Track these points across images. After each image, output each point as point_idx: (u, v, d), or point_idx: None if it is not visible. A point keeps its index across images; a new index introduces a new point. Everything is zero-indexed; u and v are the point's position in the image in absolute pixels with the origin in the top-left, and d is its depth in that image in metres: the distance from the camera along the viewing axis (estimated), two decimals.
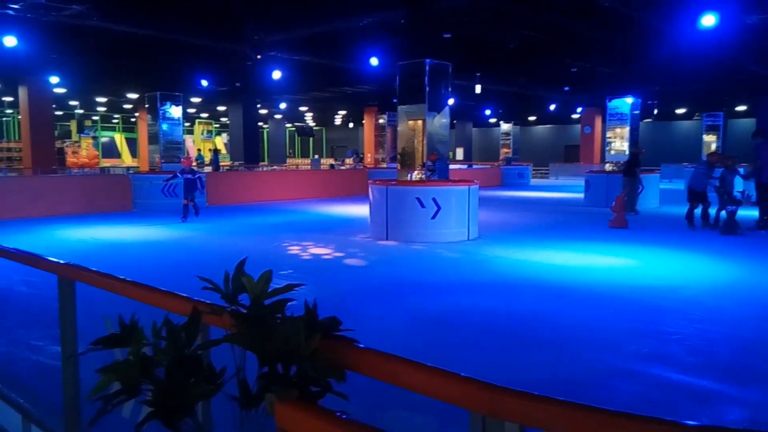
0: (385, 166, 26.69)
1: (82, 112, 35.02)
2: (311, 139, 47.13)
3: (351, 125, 49.79)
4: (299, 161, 40.91)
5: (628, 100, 18.55)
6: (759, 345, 5.14)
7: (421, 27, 14.30)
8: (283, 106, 33.13)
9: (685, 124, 39.81)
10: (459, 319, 5.86)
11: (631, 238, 11.06)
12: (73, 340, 2.82)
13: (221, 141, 40.39)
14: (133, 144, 36.85)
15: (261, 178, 21.90)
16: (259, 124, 35.19)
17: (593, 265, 8.46)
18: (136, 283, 2.42)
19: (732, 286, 7.33)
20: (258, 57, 17.65)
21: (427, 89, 11.29)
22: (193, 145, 35.34)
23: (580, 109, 34.96)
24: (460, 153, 39.12)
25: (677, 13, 14.29)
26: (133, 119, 37.05)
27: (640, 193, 16.22)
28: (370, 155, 32.60)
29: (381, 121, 29.94)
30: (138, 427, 1.61)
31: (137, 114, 32.46)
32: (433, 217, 10.63)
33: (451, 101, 12.29)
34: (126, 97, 29.75)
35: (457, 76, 14.02)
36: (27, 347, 4.89)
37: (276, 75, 19.45)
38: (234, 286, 1.69)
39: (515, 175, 29.69)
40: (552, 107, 33.28)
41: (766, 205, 11.85)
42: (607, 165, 19.04)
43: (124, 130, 39.25)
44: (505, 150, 31.91)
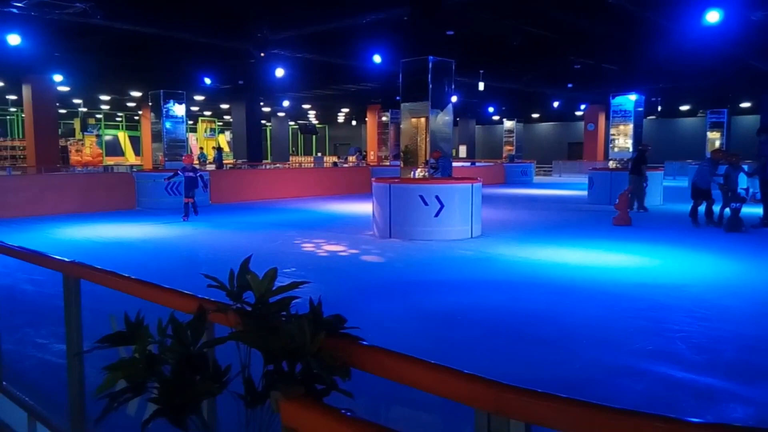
0: (388, 163, 26.65)
1: (85, 110, 35.06)
2: (314, 136, 47.14)
3: (354, 123, 49.77)
4: (302, 159, 40.91)
5: (632, 97, 18.47)
6: (764, 343, 5.12)
7: (425, 24, 14.25)
8: (286, 104, 33.14)
9: (689, 121, 39.67)
10: (463, 316, 5.86)
11: (635, 235, 11.03)
12: (79, 338, 2.83)
13: (225, 139, 40.45)
14: (136, 142, 36.98)
15: (264, 176, 21.91)
16: (263, 122, 35.20)
17: (597, 263, 8.45)
18: (142, 281, 2.42)
19: (736, 283, 7.31)
20: (261, 55, 17.65)
21: (430, 86, 11.27)
22: (197, 143, 35.41)
23: (583, 106, 34.88)
24: (463, 150, 39.05)
25: (681, 9, 14.24)
26: (136, 117, 37.12)
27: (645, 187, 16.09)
28: (373, 153, 32.58)
29: (384, 118, 29.92)
30: (144, 425, 1.61)
31: (141, 112, 32.53)
32: (437, 214, 10.62)
33: (454, 98, 12.27)
34: (129, 95, 29.79)
35: (460, 73, 13.99)
36: (32, 345, 4.91)
37: (279, 73, 19.45)
38: (239, 284, 1.70)
39: (518, 172, 29.63)
40: (555, 104, 33.24)
41: None
42: (611, 162, 18.98)
43: (128, 129, 39.37)
44: (509, 147, 31.81)
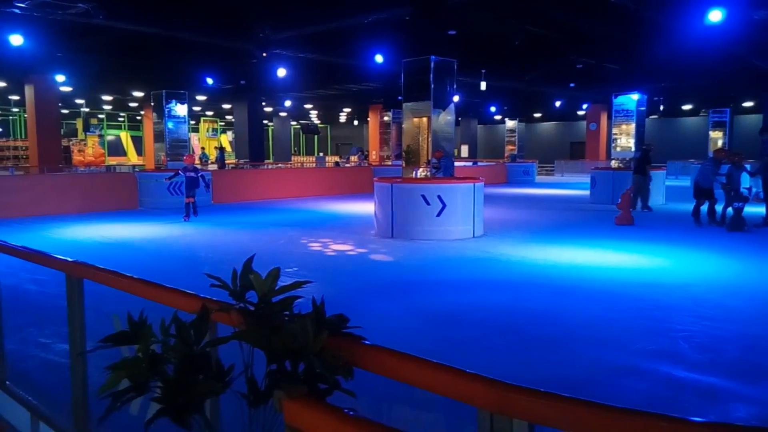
0: (390, 163, 26.66)
1: (88, 110, 35.16)
2: (316, 136, 47.18)
3: (356, 123, 49.78)
4: (304, 159, 40.95)
5: (634, 97, 18.44)
6: (767, 342, 5.11)
7: (426, 24, 14.26)
8: (288, 103, 33.16)
9: (692, 121, 39.61)
10: (465, 316, 5.86)
11: (638, 235, 11.02)
12: (82, 338, 2.83)
13: (227, 139, 40.49)
14: (138, 142, 37.04)
15: (266, 176, 21.92)
16: (264, 121, 35.22)
17: (599, 263, 8.44)
18: (144, 281, 2.42)
19: (739, 283, 7.30)
20: (263, 55, 17.67)
21: (432, 86, 11.27)
22: (198, 143, 35.44)
23: (585, 106, 34.86)
24: (465, 150, 39.06)
25: (684, 8, 14.22)
26: (138, 117, 37.18)
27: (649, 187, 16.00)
28: (375, 153, 32.58)
29: (386, 118, 29.90)
30: (148, 424, 1.62)
31: (143, 112, 32.58)
32: (439, 214, 10.62)
33: (456, 98, 12.26)
34: (132, 95, 29.84)
35: (462, 72, 13.99)
36: (35, 345, 4.92)
37: (281, 73, 19.46)
38: (242, 284, 1.70)
39: (520, 172, 29.61)
40: (557, 104, 33.22)
41: None
42: (614, 162, 18.95)
43: (130, 129, 39.43)
44: (511, 147, 31.78)
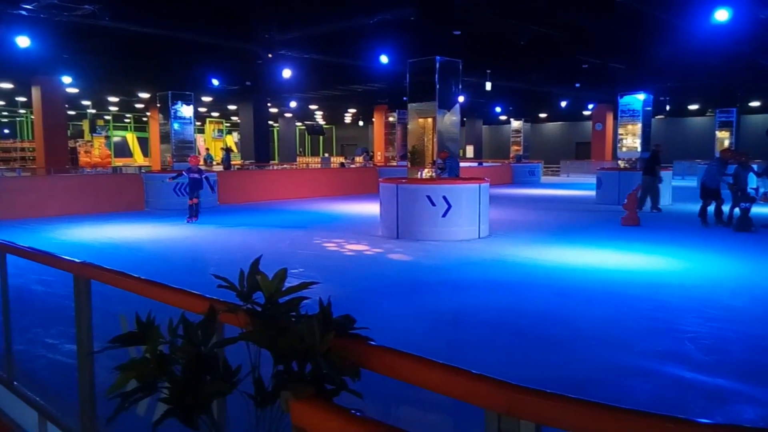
0: (395, 164, 26.63)
1: (94, 111, 35.30)
2: (321, 137, 47.20)
3: (361, 123, 49.81)
4: (309, 160, 40.98)
5: (640, 97, 18.37)
6: None
7: (431, 24, 14.26)
8: (293, 104, 33.21)
9: (698, 121, 39.45)
10: (470, 317, 5.86)
11: (644, 236, 10.98)
12: (89, 339, 2.85)
13: (232, 139, 40.58)
14: (144, 143, 37.18)
15: (271, 177, 21.95)
16: (270, 122, 35.29)
17: (605, 263, 8.42)
18: (152, 282, 2.43)
19: (746, 284, 7.27)
20: (269, 56, 17.71)
21: (437, 87, 11.25)
22: (204, 144, 35.52)
23: (591, 106, 34.76)
24: (470, 151, 39.03)
25: (690, 7, 14.18)
26: (144, 119, 37.32)
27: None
28: (380, 153, 32.57)
29: (391, 119, 29.87)
30: (155, 425, 1.62)
31: (149, 113, 32.70)
32: (444, 215, 10.61)
33: (461, 99, 12.25)
34: (138, 96, 29.96)
35: (467, 73, 13.95)
36: (43, 346, 4.94)
37: (286, 74, 19.48)
38: (249, 285, 1.70)
39: (526, 172, 29.56)
40: (563, 104, 33.14)
41: None
42: (620, 162, 18.88)
43: (136, 130, 39.58)
44: (516, 147, 31.73)
